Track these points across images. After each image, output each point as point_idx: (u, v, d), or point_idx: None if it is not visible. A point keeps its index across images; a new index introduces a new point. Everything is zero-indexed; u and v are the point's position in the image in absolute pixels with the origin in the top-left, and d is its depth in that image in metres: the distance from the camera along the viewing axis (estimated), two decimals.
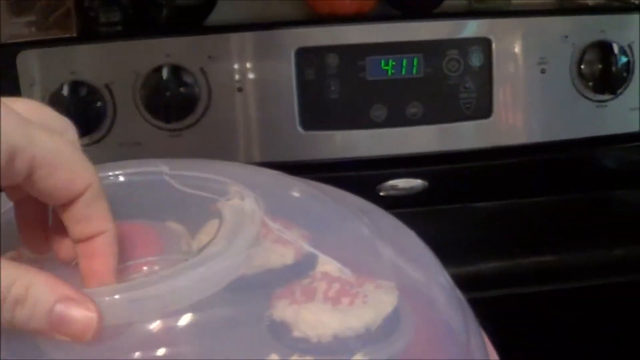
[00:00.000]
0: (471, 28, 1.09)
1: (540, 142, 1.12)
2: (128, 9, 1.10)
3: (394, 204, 1.12)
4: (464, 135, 1.12)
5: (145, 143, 1.06)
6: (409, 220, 1.16)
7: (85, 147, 1.02)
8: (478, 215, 1.18)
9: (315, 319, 0.60)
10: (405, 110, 1.09)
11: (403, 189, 1.12)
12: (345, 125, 1.09)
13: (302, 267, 0.71)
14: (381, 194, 1.10)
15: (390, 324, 0.62)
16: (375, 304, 0.62)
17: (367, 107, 1.08)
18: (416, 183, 1.12)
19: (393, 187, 1.11)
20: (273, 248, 0.68)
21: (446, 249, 1.15)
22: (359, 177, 1.12)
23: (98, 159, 1.04)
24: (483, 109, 1.09)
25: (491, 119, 1.09)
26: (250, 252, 0.68)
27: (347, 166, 1.10)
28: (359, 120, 1.09)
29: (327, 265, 0.64)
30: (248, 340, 0.65)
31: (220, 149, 1.08)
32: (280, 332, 0.62)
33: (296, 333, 0.61)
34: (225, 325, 0.69)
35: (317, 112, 1.08)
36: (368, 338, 0.61)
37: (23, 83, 1.03)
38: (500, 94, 1.08)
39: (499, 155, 1.12)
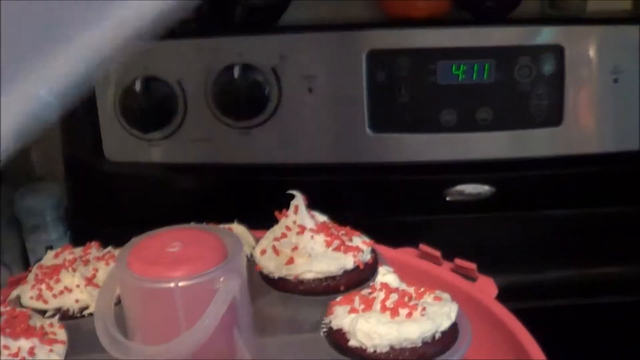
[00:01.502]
0: (544, 35, 1.08)
1: (611, 152, 1.10)
2: (203, 7, 1.12)
3: (460, 209, 1.12)
4: (533, 142, 1.10)
5: (215, 140, 1.08)
6: (475, 226, 1.16)
7: (156, 142, 1.05)
8: (545, 223, 1.17)
9: (373, 329, 0.61)
10: (475, 116, 1.08)
11: (470, 194, 1.11)
12: (414, 128, 1.08)
13: (362, 276, 0.71)
14: (448, 198, 1.10)
15: (448, 337, 0.62)
16: (433, 317, 0.62)
17: (437, 111, 1.08)
18: (484, 189, 1.11)
19: (460, 193, 1.11)
20: (335, 255, 0.69)
21: (511, 256, 1.15)
22: (426, 181, 1.11)
23: (169, 153, 1.07)
24: (554, 117, 1.08)
25: (561, 126, 1.07)
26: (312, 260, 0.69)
27: (415, 170, 1.10)
28: (428, 124, 1.08)
29: (387, 275, 0.64)
30: (306, 346, 0.66)
31: (289, 148, 1.09)
32: (337, 340, 0.63)
33: (353, 342, 0.62)
34: (284, 329, 0.71)
35: (387, 115, 1.08)
36: (424, 350, 0.62)
37: (97, 78, 1.06)
38: (572, 102, 1.07)
39: (569, 163, 1.11)
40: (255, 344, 0.63)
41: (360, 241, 0.71)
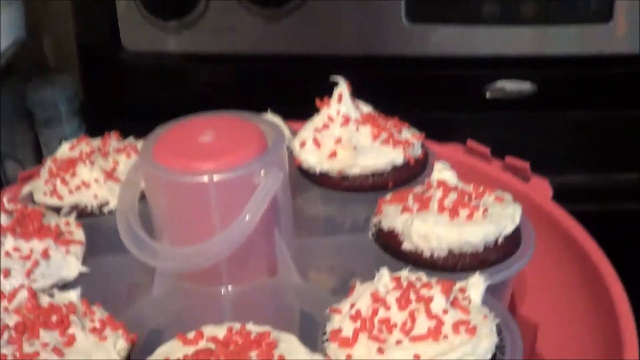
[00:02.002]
0: None
1: None
2: None
3: (499, 107, 1.05)
4: (580, 39, 1.02)
5: (239, 29, 1.00)
6: (516, 125, 1.09)
7: (177, 31, 0.97)
8: (585, 123, 1.10)
9: (430, 230, 0.54)
10: (520, 9, 1.00)
11: (511, 91, 1.04)
12: (454, 19, 1.00)
13: (412, 173, 0.64)
14: (487, 95, 1.03)
15: (511, 242, 0.56)
16: (496, 219, 0.55)
17: (479, 2, 0.99)
18: (525, 86, 1.03)
19: (501, 89, 1.03)
20: (382, 149, 0.62)
21: (556, 157, 1.08)
22: (465, 76, 1.04)
23: (190, 43, 0.99)
24: (603, 13, 0.99)
25: (610, 24, 0.99)
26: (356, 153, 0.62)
27: (453, 64, 1.02)
28: (469, 16, 1.00)
29: (444, 172, 0.57)
30: (351, 249, 0.60)
31: (319, 39, 1.01)
32: (388, 242, 0.57)
33: (407, 245, 0.55)
34: (325, 230, 0.64)
35: (425, 4, 1.00)
36: (486, 256, 0.55)
37: None
38: None
39: (616, 63, 1.03)
40: (296, 245, 0.56)
41: (410, 134, 0.64)
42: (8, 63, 1.06)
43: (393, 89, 1.04)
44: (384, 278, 0.48)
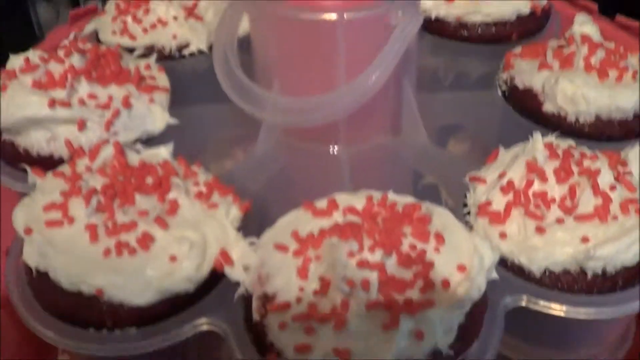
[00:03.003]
0: None
1: None
2: None
3: None
4: None
5: None
6: None
7: None
8: None
9: (579, 92, 0.47)
10: None
11: None
12: None
13: (538, 25, 0.57)
14: None
15: None
16: None
17: None
18: None
19: None
20: None
21: None
22: None
23: None
24: None
25: None
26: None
27: None
28: None
29: (586, 25, 0.49)
30: (475, 105, 0.53)
31: None
32: (524, 101, 0.49)
33: (549, 106, 0.48)
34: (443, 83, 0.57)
35: None
36: (636, 125, 0.48)
37: None
38: None
39: None
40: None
41: None
42: None
43: None
44: (538, 144, 0.41)
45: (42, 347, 0.41)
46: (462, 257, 0.35)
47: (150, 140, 0.47)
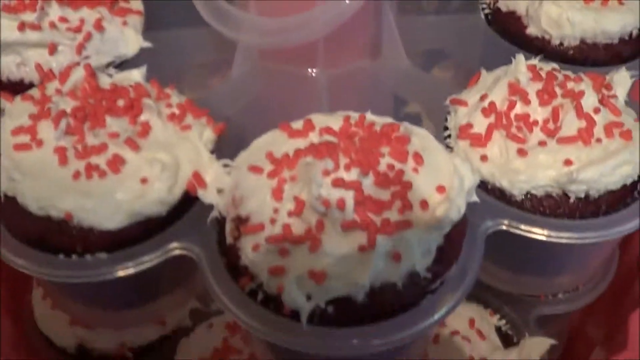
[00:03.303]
0: None
1: None
2: None
3: None
4: None
5: None
6: None
7: None
8: None
9: (564, 15, 0.45)
10: None
11: None
12: None
13: None
14: None
15: None
16: (634, 8, 0.47)
17: None
18: None
19: None
20: None
21: None
22: None
23: None
24: None
25: None
26: None
27: None
28: None
29: None
30: (463, 30, 0.51)
31: None
32: (507, 26, 0.48)
33: (532, 29, 0.46)
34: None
35: None
36: (621, 49, 0.47)
37: None
38: None
39: None
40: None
41: None
42: None
43: None
44: (521, 65, 0.40)
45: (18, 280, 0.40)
46: (442, 178, 0.34)
47: (123, 65, 0.46)
